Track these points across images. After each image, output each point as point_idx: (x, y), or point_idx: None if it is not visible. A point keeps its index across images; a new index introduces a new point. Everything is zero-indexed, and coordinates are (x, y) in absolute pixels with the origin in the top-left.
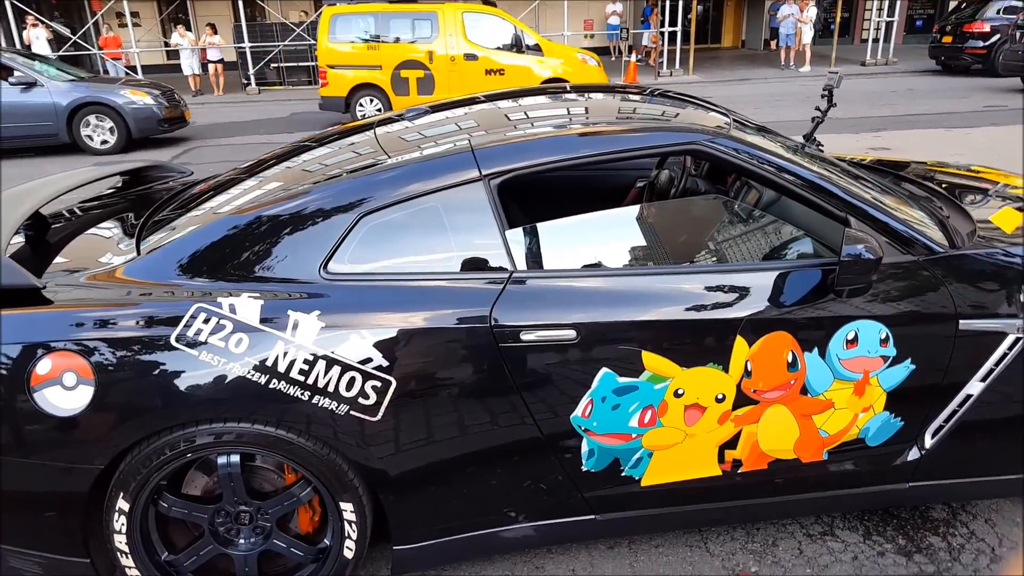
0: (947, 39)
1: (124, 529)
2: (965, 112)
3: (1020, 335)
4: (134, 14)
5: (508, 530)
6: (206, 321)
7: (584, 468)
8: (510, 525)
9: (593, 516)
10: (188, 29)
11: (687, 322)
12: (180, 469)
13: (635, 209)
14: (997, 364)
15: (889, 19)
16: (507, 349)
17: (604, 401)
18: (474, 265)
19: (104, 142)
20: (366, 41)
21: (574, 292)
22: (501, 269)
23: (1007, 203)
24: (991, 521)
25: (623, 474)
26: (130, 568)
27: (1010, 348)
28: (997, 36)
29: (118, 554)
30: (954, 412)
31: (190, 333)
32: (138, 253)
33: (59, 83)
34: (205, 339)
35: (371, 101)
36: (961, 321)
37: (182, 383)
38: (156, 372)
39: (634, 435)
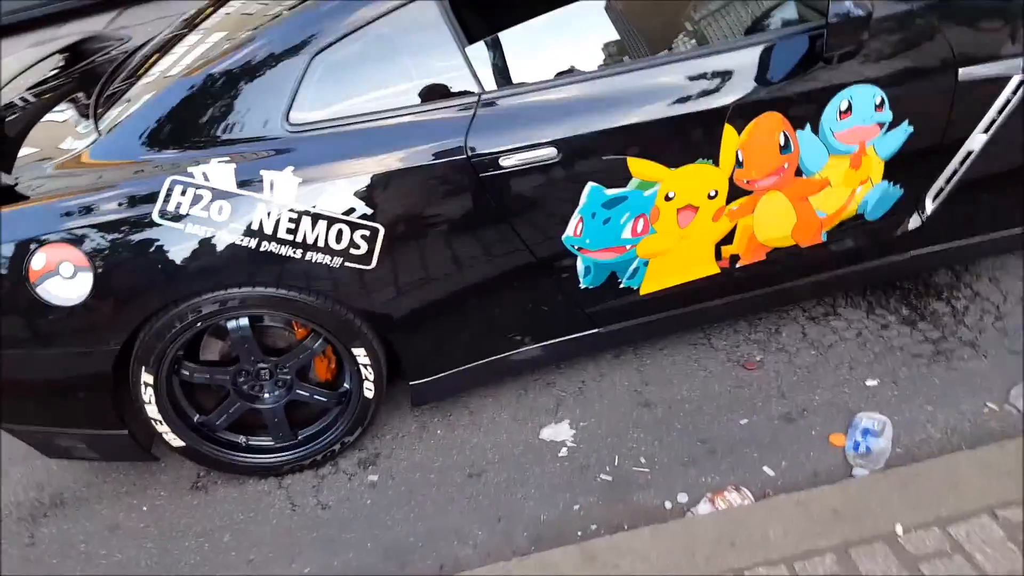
0: None
1: (153, 400)
2: None
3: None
4: None
5: (516, 353)
6: (183, 193)
7: (582, 286)
8: (517, 348)
9: (596, 330)
10: None
11: (671, 119)
12: (194, 338)
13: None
14: (1000, 112)
15: None
16: (488, 178)
17: (594, 217)
18: (440, 92)
19: None
20: None
21: (549, 106)
22: (468, 93)
23: None
24: (995, 279)
25: (621, 286)
26: (167, 433)
27: (1013, 92)
28: None
29: (152, 422)
30: (955, 171)
31: (170, 207)
32: (99, 133)
33: None
34: (187, 211)
35: None
36: (961, 70)
37: (176, 256)
38: (148, 250)
39: (628, 246)
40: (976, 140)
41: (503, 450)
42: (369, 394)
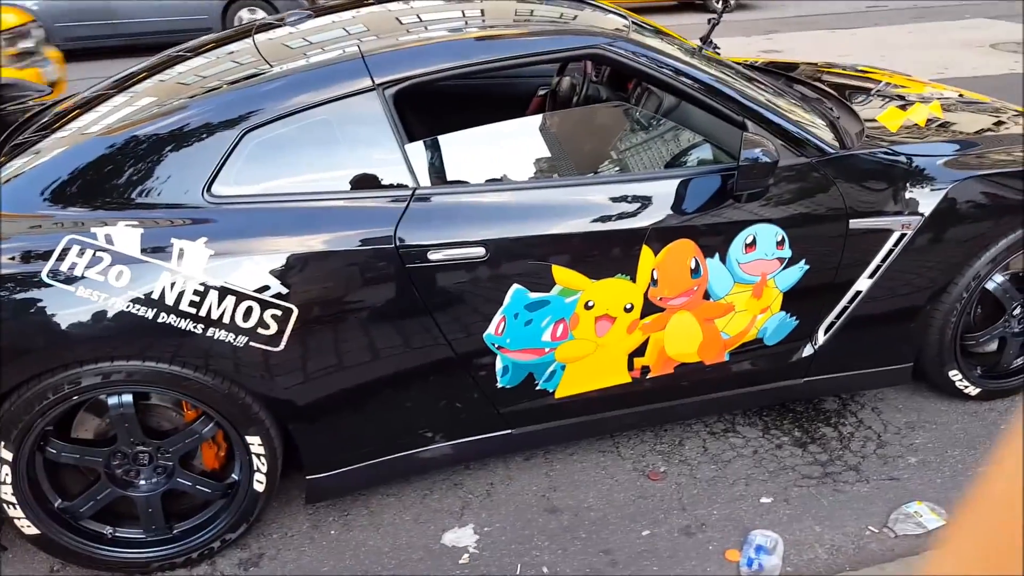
0: None
1: (9, 479)
2: (850, 13)
3: (904, 231)
4: None
5: (425, 451)
6: (80, 254)
7: (499, 385)
8: (427, 446)
9: (509, 431)
10: None
11: (595, 234)
12: (68, 412)
13: (538, 119)
14: (884, 260)
15: None
16: (415, 270)
17: (517, 317)
18: (374, 183)
19: None
20: None
21: (481, 207)
22: (403, 186)
23: (892, 103)
24: (877, 409)
25: (537, 388)
26: (19, 519)
27: (895, 244)
28: None
29: (5, 506)
30: (845, 308)
31: (64, 267)
32: None
33: None
34: (81, 273)
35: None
36: (851, 220)
37: (61, 321)
38: (30, 311)
39: (547, 349)
40: (863, 283)
41: (401, 554)
42: (260, 487)
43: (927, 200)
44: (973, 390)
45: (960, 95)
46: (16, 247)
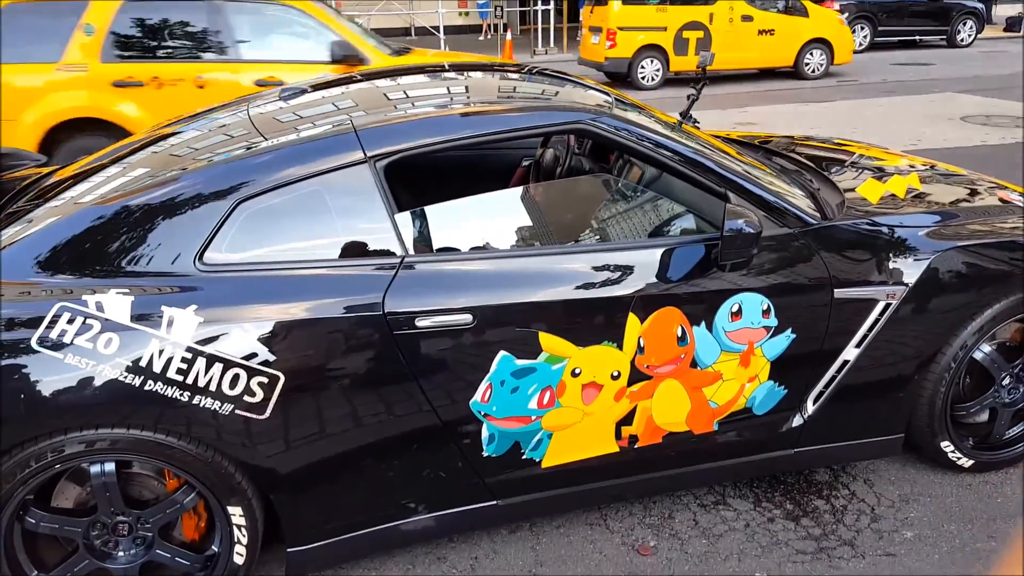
0: None
1: None
2: (822, 88)
3: (889, 301)
4: None
5: (408, 522)
6: (70, 321)
7: (485, 454)
8: (410, 517)
9: (495, 501)
10: None
11: (580, 301)
12: (49, 481)
13: (522, 189)
14: (870, 330)
15: None
16: (402, 336)
17: (503, 385)
18: (363, 251)
19: None
20: (657, 3)
21: (468, 275)
22: (391, 254)
23: (870, 174)
24: (869, 481)
25: (524, 457)
26: None
27: (881, 314)
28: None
29: None
30: (833, 378)
31: (53, 335)
32: None
33: None
34: (70, 340)
35: (652, 62)
36: (836, 290)
37: (46, 388)
38: (16, 378)
39: (534, 417)
40: (851, 352)
41: None
42: (239, 560)
43: (911, 270)
44: (966, 462)
45: (935, 167)
46: (5, 314)
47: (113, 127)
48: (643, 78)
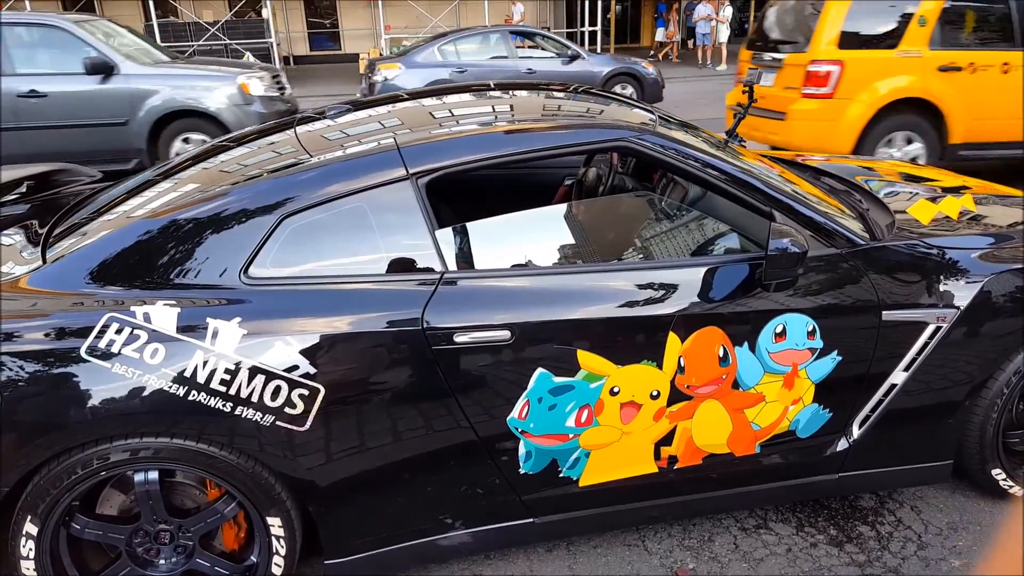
0: None
1: (32, 555)
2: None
3: (939, 324)
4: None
5: (445, 538)
6: (119, 331)
7: (521, 471)
8: (447, 532)
9: (531, 519)
10: None
11: (621, 320)
12: (94, 488)
13: (564, 207)
14: (919, 353)
15: None
16: (440, 352)
17: (540, 402)
18: (404, 266)
19: None
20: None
21: (507, 292)
22: (432, 270)
23: (923, 195)
24: (917, 508)
25: (561, 475)
26: None
27: (931, 337)
28: None
29: None
30: (880, 402)
31: (102, 344)
32: (44, 261)
33: (594, 56)
34: (118, 350)
35: None
36: (884, 312)
37: (94, 397)
38: (66, 386)
39: (571, 435)
40: (898, 376)
41: None
42: (277, 570)
43: (962, 293)
44: (1018, 490)
45: (993, 189)
46: (57, 323)
47: (929, 107)
48: None
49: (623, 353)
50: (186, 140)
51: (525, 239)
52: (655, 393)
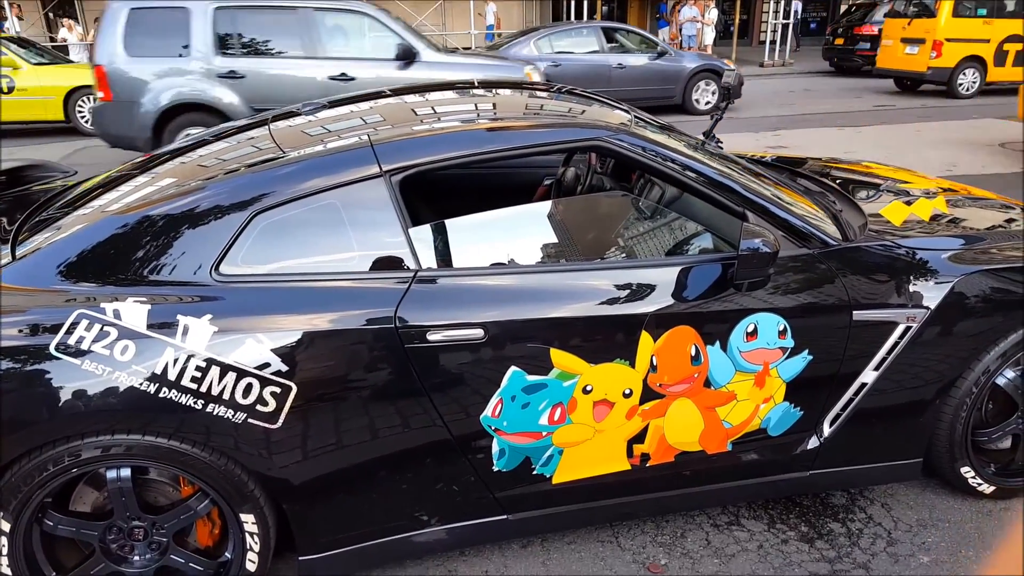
0: (839, 41)
1: (5, 551)
2: (856, 111)
3: (909, 324)
4: (10, 6)
5: (420, 534)
6: (88, 328)
7: (495, 468)
8: (421, 529)
9: (505, 516)
10: (76, 23)
11: (593, 319)
12: (67, 484)
13: (541, 206)
14: (889, 353)
15: (786, 21)
16: (413, 350)
17: (514, 400)
18: (377, 264)
19: (707, 103)
20: (983, 16)
21: (481, 290)
22: (405, 268)
23: (896, 197)
24: (887, 505)
25: (534, 472)
26: None
27: (900, 337)
28: None
29: None
30: (850, 400)
31: (71, 341)
32: (13, 257)
33: (679, 53)
34: (88, 347)
35: (971, 72)
36: (855, 312)
37: (64, 394)
38: (35, 383)
39: (544, 433)
40: (869, 375)
41: None
42: (252, 567)
43: (932, 293)
44: (987, 488)
45: (966, 192)
46: (27, 320)
47: None
48: (961, 87)
49: (596, 352)
50: None
51: (499, 238)
52: (628, 391)
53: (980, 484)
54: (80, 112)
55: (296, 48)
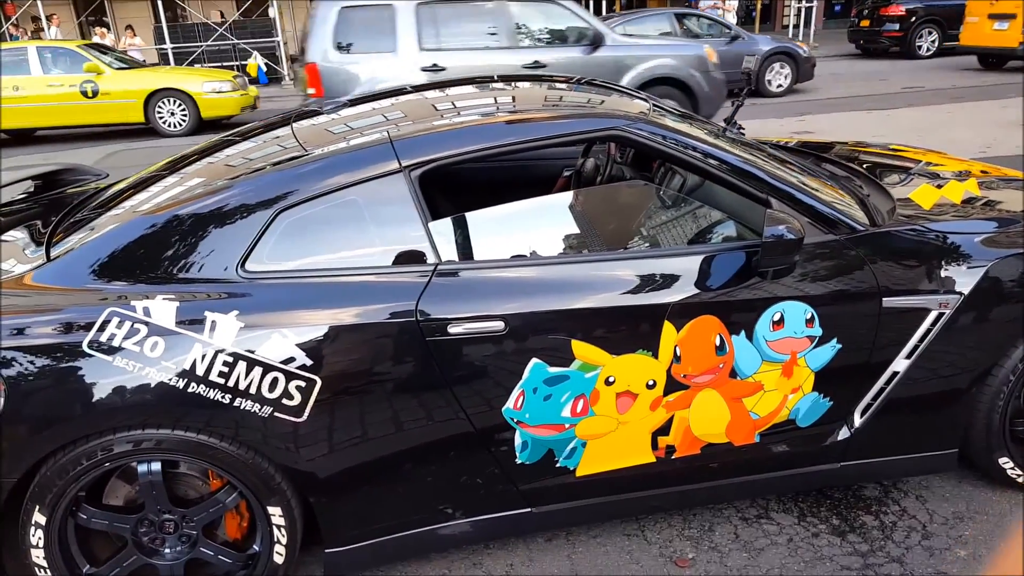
0: (865, 23)
1: (41, 543)
2: (885, 94)
3: (942, 310)
4: (49, 17)
5: (444, 527)
6: (120, 325)
7: (518, 461)
8: (446, 522)
9: (529, 509)
10: (108, 31)
11: (615, 309)
12: (100, 479)
13: (560, 197)
14: (921, 340)
15: (809, 4)
16: (435, 343)
17: (536, 392)
18: (398, 258)
19: (779, 85)
20: None
21: (501, 282)
22: (426, 261)
23: (925, 180)
24: (922, 497)
25: (558, 465)
26: None
27: (933, 324)
28: (913, 18)
29: (36, 569)
30: (881, 390)
31: (103, 338)
32: (47, 258)
33: (753, 36)
34: (119, 344)
35: None
36: (884, 299)
37: (97, 390)
38: (69, 380)
39: (567, 425)
40: (900, 363)
41: None
42: (279, 559)
43: (965, 278)
44: None
45: (1000, 173)
46: (61, 318)
47: None
48: None
49: (618, 343)
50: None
51: (519, 230)
52: (651, 383)
53: (1020, 475)
54: (159, 114)
55: (491, 39)
